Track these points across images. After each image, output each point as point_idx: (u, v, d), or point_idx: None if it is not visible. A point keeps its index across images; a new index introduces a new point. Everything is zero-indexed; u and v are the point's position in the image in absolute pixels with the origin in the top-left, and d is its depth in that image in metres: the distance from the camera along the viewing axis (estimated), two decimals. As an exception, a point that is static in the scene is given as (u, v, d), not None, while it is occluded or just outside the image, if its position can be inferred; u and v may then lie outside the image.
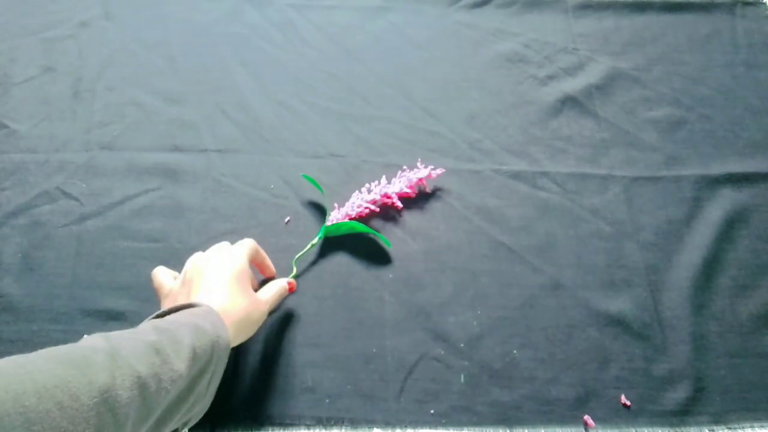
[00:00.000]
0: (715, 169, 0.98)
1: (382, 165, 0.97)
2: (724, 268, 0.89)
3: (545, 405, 0.79)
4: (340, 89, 1.04)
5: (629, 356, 0.83)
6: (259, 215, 0.92)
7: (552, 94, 1.04)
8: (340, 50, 1.09)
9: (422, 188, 0.95)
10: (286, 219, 0.92)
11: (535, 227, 0.92)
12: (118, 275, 0.86)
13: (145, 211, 0.92)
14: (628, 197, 0.95)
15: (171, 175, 0.95)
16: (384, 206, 0.93)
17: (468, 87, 1.05)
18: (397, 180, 0.92)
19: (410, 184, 0.92)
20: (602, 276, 0.89)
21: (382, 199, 0.91)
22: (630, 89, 1.06)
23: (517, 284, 0.88)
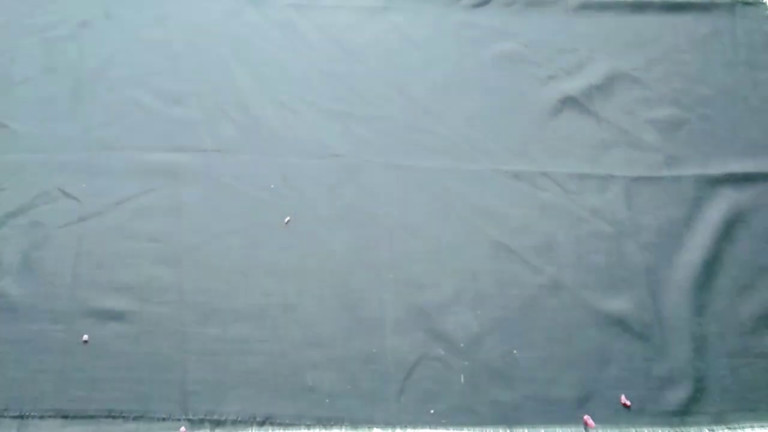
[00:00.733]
0: (715, 169, 0.98)
1: (382, 165, 0.97)
2: (724, 268, 0.89)
3: (545, 405, 0.79)
4: (340, 89, 1.04)
5: (629, 356, 0.83)
6: (259, 215, 0.92)
7: (552, 94, 1.04)
8: (340, 50, 1.08)
9: None
10: (286, 219, 0.92)
11: (535, 227, 0.92)
12: (118, 275, 0.86)
13: (145, 211, 0.91)
14: (628, 197, 0.95)
15: (171, 175, 0.95)
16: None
17: (468, 87, 1.05)
18: None
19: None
20: (602, 276, 0.88)
21: None
22: (630, 89, 1.06)
23: (517, 284, 0.88)
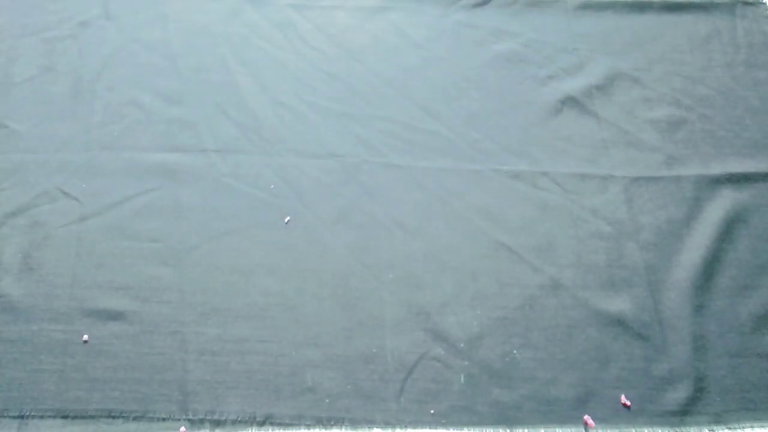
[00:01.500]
0: (715, 169, 0.98)
1: (382, 165, 0.97)
2: (724, 268, 0.89)
3: (545, 405, 0.79)
4: (340, 89, 1.04)
5: (629, 356, 0.83)
6: (259, 215, 0.92)
7: (552, 94, 1.04)
8: (340, 50, 1.08)
9: None
10: (286, 219, 0.92)
11: (535, 227, 0.92)
12: (118, 275, 0.86)
13: (145, 211, 0.92)
14: (628, 197, 0.95)
15: (171, 175, 0.95)
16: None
17: (468, 87, 1.05)
18: None
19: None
20: (602, 276, 0.88)
21: None
22: (630, 89, 1.06)
23: (517, 284, 0.88)
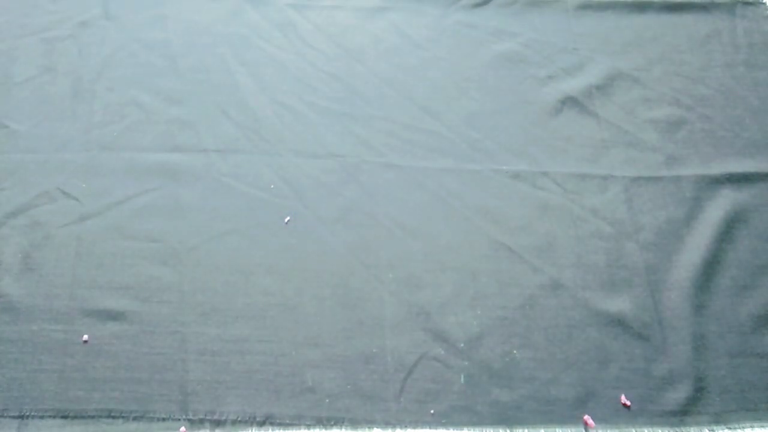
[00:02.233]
0: (715, 169, 0.98)
1: (382, 165, 0.97)
2: (724, 268, 0.89)
3: (545, 405, 0.79)
4: (340, 89, 1.04)
5: (629, 356, 0.83)
6: (259, 215, 0.92)
7: (552, 94, 1.04)
8: (340, 50, 1.08)
9: None
10: (286, 219, 0.92)
11: (535, 227, 0.92)
12: (118, 275, 0.86)
13: (145, 211, 0.92)
14: (628, 197, 0.95)
15: (171, 175, 0.95)
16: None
17: (468, 87, 1.05)
18: None
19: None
20: (602, 276, 0.88)
21: None
22: (630, 89, 1.06)
23: (517, 284, 0.88)
